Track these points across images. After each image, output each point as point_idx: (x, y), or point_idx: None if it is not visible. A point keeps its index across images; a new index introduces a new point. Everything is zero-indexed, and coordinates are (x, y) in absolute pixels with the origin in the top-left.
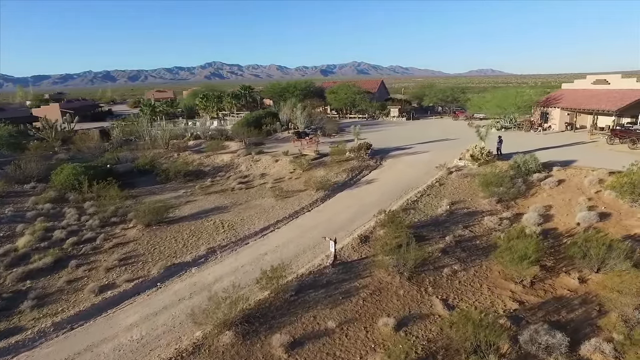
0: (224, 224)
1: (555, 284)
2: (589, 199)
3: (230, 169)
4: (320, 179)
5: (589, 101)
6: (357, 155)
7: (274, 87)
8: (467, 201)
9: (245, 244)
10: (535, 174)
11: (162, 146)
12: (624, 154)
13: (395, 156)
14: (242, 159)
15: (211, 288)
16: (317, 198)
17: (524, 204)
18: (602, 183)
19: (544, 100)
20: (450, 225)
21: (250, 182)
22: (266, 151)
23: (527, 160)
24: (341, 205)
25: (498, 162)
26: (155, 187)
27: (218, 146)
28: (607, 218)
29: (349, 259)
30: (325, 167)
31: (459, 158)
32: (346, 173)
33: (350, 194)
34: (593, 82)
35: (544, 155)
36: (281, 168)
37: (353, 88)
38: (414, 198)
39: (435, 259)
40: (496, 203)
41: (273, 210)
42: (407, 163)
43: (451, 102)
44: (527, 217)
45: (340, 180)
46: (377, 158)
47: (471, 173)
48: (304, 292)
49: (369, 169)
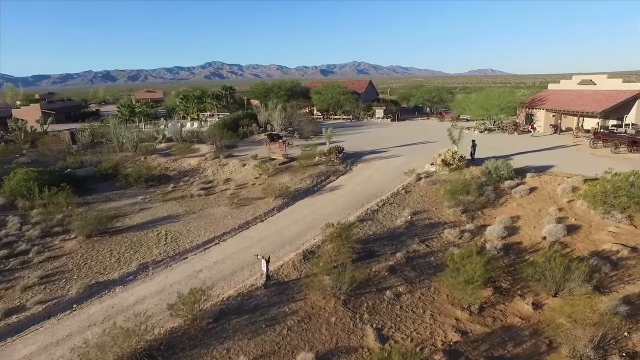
0: (168, 235)
1: (507, 310)
2: (559, 210)
3: (196, 173)
4: (280, 186)
5: (574, 102)
6: (327, 160)
7: (258, 88)
8: (430, 211)
9: (183, 258)
10: (507, 181)
11: (130, 149)
12: (605, 159)
13: (368, 160)
14: (209, 163)
15: (129, 311)
16: (274, 207)
17: (491, 214)
18: (575, 191)
19: (529, 102)
20: (407, 238)
21: (212, 189)
22: (236, 155)
23: (499, 166)
24: (296, 215)
25: (471, 167)
26: (114, 193)
27: (186, 149)
28: (575, 231)
29: (287, 279)
30: (292, 172)
31: (430, 163)
32: (311, 179)
33: (309, 202)
34: (579, 83)
35: (521, 160)
36: (247, 173)
37: (338, 88)
38: (374, 207)
39: (381, 278)
40: (461, 213)
41: (224, 220)
42: (378, 168)
43: (437, 102)
44: (491, 229)
45: (303, 187)
46: (348, 162)
47: (441, 179)
48: (225, 319)
49: (336, 174)
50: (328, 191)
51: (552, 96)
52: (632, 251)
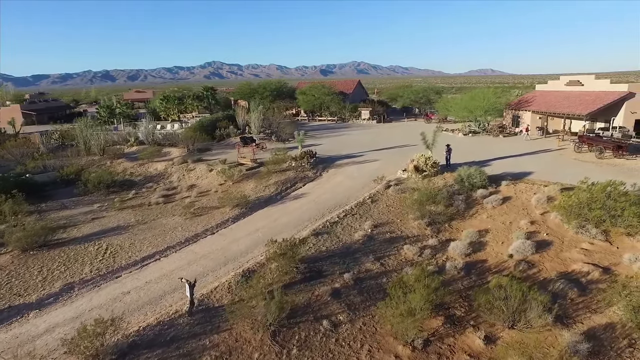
0: (109, 249)
1: (456, 345)
2: (531, 223)
3: (162, 179)
4: (238, 194)
5: (560, 104)
6: (297, 165)
7: (242, 88)
8: (394, 223)
9: (115, 277)
10: (479, 189)
11: (97, 153)
12: (589, 165)
13: (341, 166)
14: (176, 168)
15: (34, 342)
16: (229, 217)
17: (459, 226)
18: (551, 202)
19: (516, 103)
20: (362, 255)
21: (173, 196)
22: (206, 159)
23: (472, 174)
24: (250, 227)
25: (446, 174)
26: (71, 200)
27: (155, 153)
28: (545, 248)
29: (218, 304)
30: (258, 178)
31: (402, 169)
32: (276, 186)
33: (268, 212)
34: (567, 84)
35: (500, 166)
36: (213, 179)
37: (323, 89)
38: (335, 219)
39: (322, 304)
40: (426, 226)
41: (173, 233)
42: (349, 174)
43: (424, 103)
44: (455, 246)
45: (265, 195)
46: (320, 168)
47: (411, 187)
48: (134, 354)
49: (304, 181)
50: (291, 200)
51: (539, 97)
52: (604, 273)
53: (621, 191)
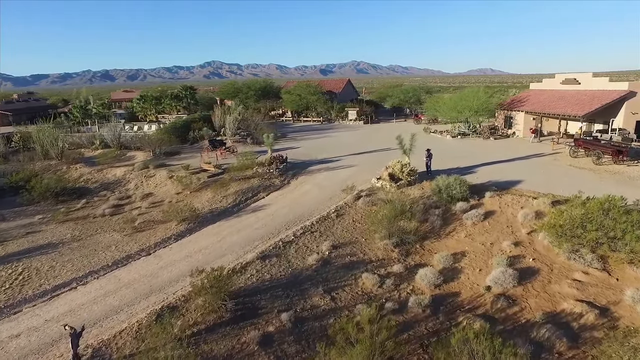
0: (24, 273)
1: None
2: (516, 244)
3: (118, 186)
4: (187, 207)
5: (555, 104)
6: (264, 172)
7: (226, 88)
8: (357, 243)
9: (14, 312)
10: (459, 202)
11: (55, 157)
12: (585, 173)
13: (313, 172)
14: (136, 174)
15: None
16: (172, 234)
17: (432, 248)
18: (539, 218)
19: (508, 103)
20: (311, 286)
21: (124, 207)
22: (170, 164)
23: (451, 184)
24: (192, 248)
25: (425, 182)
26: (12, 211)
27: (116, 157)
28: (531, 278)
29: (117, 355)
30: (218, 187)
31: (377, 177)
32: (235, 196)
33: (218, 228)
34: (562, 82)
35: (487, 173)
36: (171, 187)
37: (309, 88)
38: (290, 237)
39: (246, 356)
40: (394, 247)
41: (104, 253)
42: (319, 182)
43: (414, 103)
44: (424, 274)
45: (221, 207)
46: (288, 175)
47: (384, 199)
48: None
49: (268, 190)
50: (249, 212)
51: (533, 97)
52: (600, 315)
53: (622, 208)
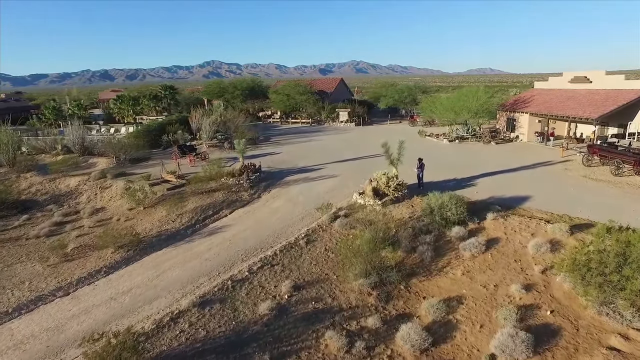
0: None
1: None
2: (527, 288)
3: (69, 199)
4: (126, 231)
5: (564, 105)
6: (233, 184)
7: (211, 87)
8: (326, 282)
9: None
10: (455, 227)
11: (6, 164)
12: (604, 186)
13: (289, 183)
14: (90, 184)
15: None
16: (104, 266)
17: (420, 289)
18: (556, 250)
19: (511, 103)
20: (257, 350)
21: (65, 225)
22: (133, 173)
23: (445, 204)
24: (122, 285)
25: (416, 198)
26: None
27: (74, 165)
28: (550, 344)
29: None
30: (176, 202)
31: (360, 192)
32: (193, 215)
33: (162, 257)
34: (571, 80)
35: (488, 186)
36: (124, 202)
37: (298, 87)
38: (245, 272)
39: None
40: (372, 289)
41: (14, 292)
42: (293, 197)
43: (409, 103)
44: (407, 332)
45: (172, 229)
46: (260, 187)
47: (365, 219)
48: None
49: (233, 206)
50: (204, 236)
51: (538, 97)
52: None
53: None
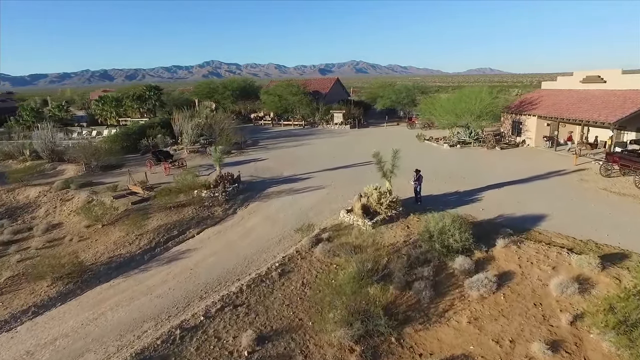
0: None
1: None
2: (553, 346)
3: (26, 212)
4: (69, 258)
5: (576, 107)
6: (207, 197)
7: (201, 87)
8: (299, 331)
9: None
10: (458, 257)
11: None
12: (628, 202)
13: (270, 196)
14: (51, 196)
15: None
16: (34, 303)
17: (416, 343)
18: (586, 291)
19: (517, 105)
20: None
21: (10, 246)
22: (101, 182)
23: (447, 228)
24: (47, 334)
25: (412, 217)
26: None
27: (38, 172)
28: None
29: None
30: (139, 219)
31: (348, 209)
32: (155, 235)
33: (107, 293)
34: (583, 80)
35: (494, 202)
36: (82, 218)
37: (290, 88)
38: (200, 317)
39: None
40: (354, 343)
41: None
42: (273, 214)
43: (407, 104)
44: None
45: (126, 254)
46: (237, 201)
47: (351, 244)
48: None
49: (203, 224)
50: (162, 263)
51: (547, 98)
52: None
53: None
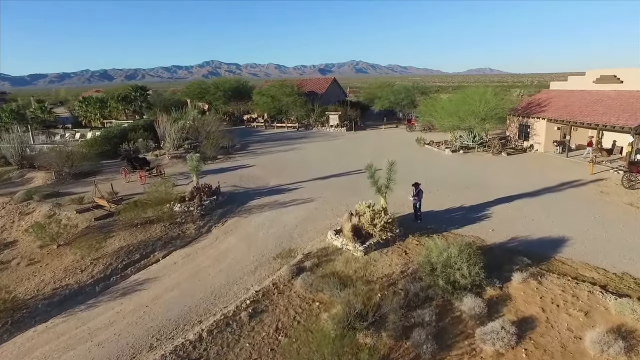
0: None
1: None
2: None
3: None
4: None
5: (590, 109)
6: (183, 210)
7: (192, 88)
8: None
9: None
10: (468, 296)
11: None
12: None
13: (252, 210)
14: (10, 208)
15: None
16: None
17: None
18: (634, 347)
19: (524, 107)
20: None
21: None
22: (69, 192)
23: (453, 258)
24: None
25: (410, 239)
26: None
27: (4, 181)
28: None
29: None
30: (99, 240)
31: (335, 230)
32: (113, 260)
33: (37, 340)
34: (596, 80)
35: (504, 221)
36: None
37: (284, 88)
38: None
39: None
40: None
41: None
42: (252, 233)
43: (406, 105)
44: None
45: (75, 284)
46: (214, 216)
47: (341, 274)
48: None
49: (170, 246)
50: (116, 297)
51: (557, 99)
52: None
53: None
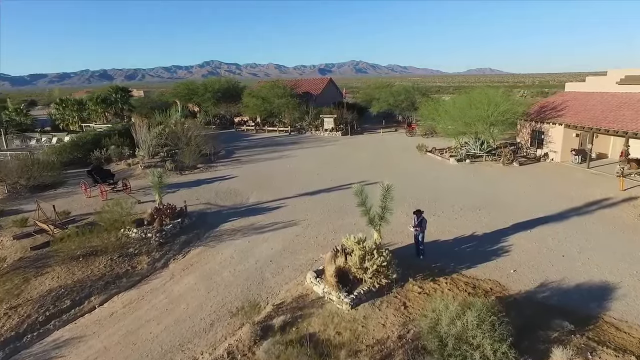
0: None
1: None
2: None
3: None
4: None
5: (616, 114)
6: (139, 237)
7: (179, 89)
8: None
9: None
10: None
11: None
12: None
13: (221, 237)
14: None
15: None
16: None
17: None
18: None
19: (536, 111)
20: None
21: None
22: (18, 209)
23: (469, 328)
24: None
25: (410, 285)
26: None
27: None
28: None
29: None
30: (28, 276)
31: (316, 272)
32: (33, 309)
33: None
34: (620, 81)
35: (529, 256)
36: None
37: (275, 89)
38: None
39: None
40: None
41: None
42: (216, 270)
43: (406, 108)
44: None
45: None
46: (176, 245)
47: (320, 337)
48: None
49: (111, 288)
50: None
51: (574, 103)
52: None
53: None
